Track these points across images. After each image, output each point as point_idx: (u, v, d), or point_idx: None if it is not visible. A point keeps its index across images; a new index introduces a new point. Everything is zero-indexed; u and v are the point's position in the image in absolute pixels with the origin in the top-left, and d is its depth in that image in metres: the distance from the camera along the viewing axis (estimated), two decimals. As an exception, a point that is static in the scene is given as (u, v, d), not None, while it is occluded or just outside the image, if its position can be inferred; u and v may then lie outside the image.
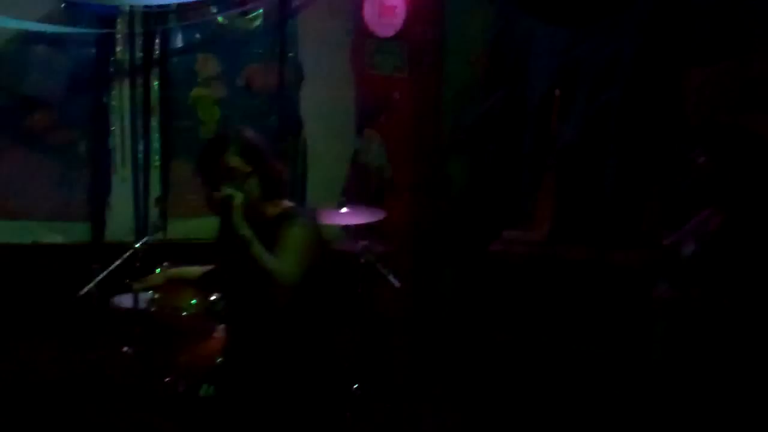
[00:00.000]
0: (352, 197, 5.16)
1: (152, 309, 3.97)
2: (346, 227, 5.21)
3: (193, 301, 3.86)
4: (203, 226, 4.15)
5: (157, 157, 5.51)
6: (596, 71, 4.86)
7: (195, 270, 3.53)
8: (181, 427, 3.59)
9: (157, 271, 3.74)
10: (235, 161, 2.94)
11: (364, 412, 4.57)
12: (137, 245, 4.28)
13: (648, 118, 4.58)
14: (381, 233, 5.45)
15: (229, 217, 2.90)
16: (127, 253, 4.24)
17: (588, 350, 4.64)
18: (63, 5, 5.14)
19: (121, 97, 5.44)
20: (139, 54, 5.44)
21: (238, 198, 2.89)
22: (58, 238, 5.29)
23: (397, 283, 4.81)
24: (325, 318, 3.17)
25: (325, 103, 5.83)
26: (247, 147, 2.99)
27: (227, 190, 2.90)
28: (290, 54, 5.76)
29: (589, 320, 4.66)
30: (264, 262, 2.86)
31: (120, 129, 5.44)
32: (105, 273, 4.19)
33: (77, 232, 5.36)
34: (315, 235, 3.03)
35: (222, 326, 3.67)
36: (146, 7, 5.29)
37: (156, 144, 5.51)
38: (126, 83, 5.44)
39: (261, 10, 5.64)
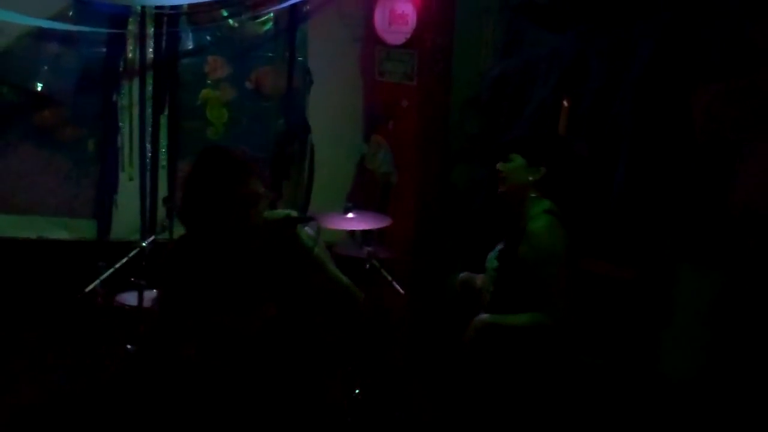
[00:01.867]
0: (357, 203, 5.18)
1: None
2: (351, 233, 5.24)
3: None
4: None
5: (164, 157, 5.53)
6: (605, 83, 4.88)
7: None
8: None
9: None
10: (260, 187, 2.72)
11: (366, 417, 4.58)
12: (144, 243, 4.31)
13: (656, 134, 4.59)
14: (386, 239, 5.48)
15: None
16: (134, 251, 4.27)
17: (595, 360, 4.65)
18: (74, 3, 5.15)
19: (130, 96, 5.45)
20: (149, 54, 5.46)
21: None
22: (63, 234, 5.29)
23: (401, 290, 4.83)
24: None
25: (332, 109, 5.86)
26: (263, 172, 2.82)
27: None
28: (299, 58, 5.79)
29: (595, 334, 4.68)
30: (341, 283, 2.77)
31: (128, 128, 5.45)
32: (111, 270, 4.21)
33: (83, 228, 5.37)
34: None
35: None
36: (158, 8, 5.31)
37: (164, 144, 5.53)
38: (136, 83, 5.46)
39: (271, 15, 5.67)
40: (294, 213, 2.73)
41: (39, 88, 5.19)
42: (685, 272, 4.33)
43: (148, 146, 5.50)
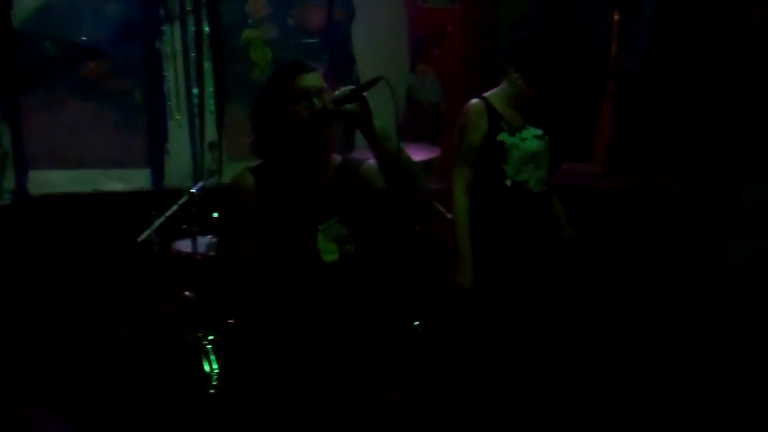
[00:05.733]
0: (407, 134, 5.09)
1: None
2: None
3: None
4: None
5: (211, 101, 5.49)
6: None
7: None
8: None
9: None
10: (320, 82, 2.60)
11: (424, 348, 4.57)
12: (193, 190, 4.31)
13: (711, 42, 4.40)
14: (437, 169, 5.40)
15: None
16: (183, 199, 4.26)
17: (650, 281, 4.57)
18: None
19: (173, 42, 5.41)
20: (189, -1, 5.40)
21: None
22: (118, 186, 5.32)
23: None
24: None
25: (376, 40, 5.75)
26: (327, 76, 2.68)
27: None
28: (340, -10, 5.69)
29: (652, 250, 4.58)
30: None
31: (174, 74, 5.43)
32: (162, 219, 4.22)
33: (137, 179, 5.40)
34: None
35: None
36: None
37: (210, 88, 5.49)
38: (177, 28, 5.41)
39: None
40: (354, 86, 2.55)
41: (81, 41, 5.17)
42: (749, 185, 4.20)
43: (195, 92, 5.47)
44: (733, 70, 4.30)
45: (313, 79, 2.60)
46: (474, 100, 3.70)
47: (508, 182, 3.63)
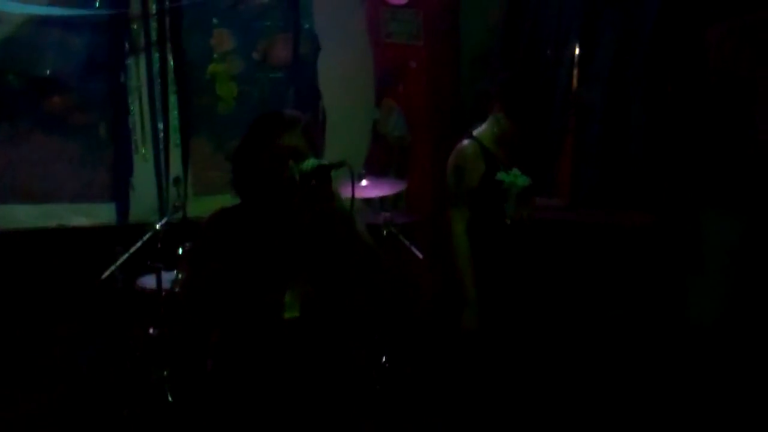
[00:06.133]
0: (373, 169, 5.13)
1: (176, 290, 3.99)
2: (368, 199, 5.19)
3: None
4: (224, 203, 4.13)
5: (177, 135, 5.49)
6: (618, 29, 4.77)
7: None
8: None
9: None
10: (299, 141, 2.67)
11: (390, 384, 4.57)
12: (157, 226, 4.30)
13: (670, 76, 4.48)
14: (403, 204, 5.43)
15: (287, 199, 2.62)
16: (147, 235, 4.25)
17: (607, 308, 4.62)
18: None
19: (138, 76, 5.40)
20: (153, 32, 5.39)
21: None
22: (83, 220, 5.27)
23: (420, 254, 4.79)
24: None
25: (342, 74, 5.77)
26: (309, 127, 2.73)
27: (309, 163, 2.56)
28: (305, 25, 5.71)
29: (611, 282, 4.64)
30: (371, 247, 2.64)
31: (139, 108, 5.41)
32: (126, 255, 4.20)
33: (102, 213, 5.33)
34: None
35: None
36: (159, -16, 5.25)
37: (175, 122, 5.48)
38: (143, 61, 5.41)
39: (274, -18, 5.59)
40: (325, 161, 2.61)
41: (45, 75, 5.14)
42: (709, 218, 4.26)
43: (160, 126, 5.46)
44: (691, 103, 4.38)
45: (294, 138, 2.66)
46: (466, 141, 3.73)
47: (508, 220, 3.66)
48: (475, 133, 3.77)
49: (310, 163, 2.57)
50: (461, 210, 3.68)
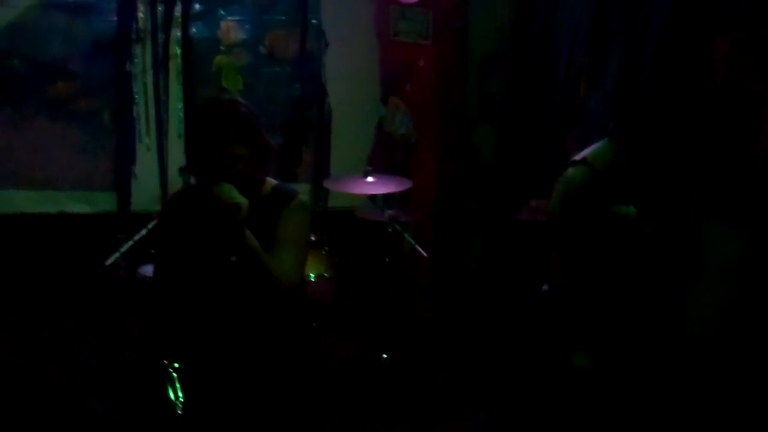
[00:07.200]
0: (377, 166, 5.12)
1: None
2: (372, 197, 5.19)
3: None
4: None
5: (181, 126, 5.47)
6: (626, 38, 4.77)
7: None
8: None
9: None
10: (240, 150, 2.67)
11: (391, 380, 4.56)
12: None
13: (678, 87, 4.49)
14: (407, 202, 5.43)
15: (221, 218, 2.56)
16: (152, 223, 4.23)
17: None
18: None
19: (144, 65, 5.38)
20: (161, 22, 5.37)
21: (245, 207, 2.55)
22: (83, 208, 5.25)
23: (424, 253, 4.78)
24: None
25: (349, 71, 5.76)
26: (245, 124, 2.70)
27: (234, 196, 2.55)
28: (313, 21, 5.69)
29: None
30: (265, 264, 2.61)
31: (144, 97, 5.39)
32: (130, 243, 4.18)
33: (103, 201, 5.31)
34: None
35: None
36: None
37: (180, 113, 5.46)
38: (149, 51, 5.39)
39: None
40: (241, 201, 2.56)
41: (50, 60, 5.12)
42: (712, 229, 4.27)
43: (164, 115, 5.43)
44: (695, 114, 4.39)
45: (234, 147, 2.67)
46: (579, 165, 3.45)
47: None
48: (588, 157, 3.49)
49: (227, 193, 2.55)
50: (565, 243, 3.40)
